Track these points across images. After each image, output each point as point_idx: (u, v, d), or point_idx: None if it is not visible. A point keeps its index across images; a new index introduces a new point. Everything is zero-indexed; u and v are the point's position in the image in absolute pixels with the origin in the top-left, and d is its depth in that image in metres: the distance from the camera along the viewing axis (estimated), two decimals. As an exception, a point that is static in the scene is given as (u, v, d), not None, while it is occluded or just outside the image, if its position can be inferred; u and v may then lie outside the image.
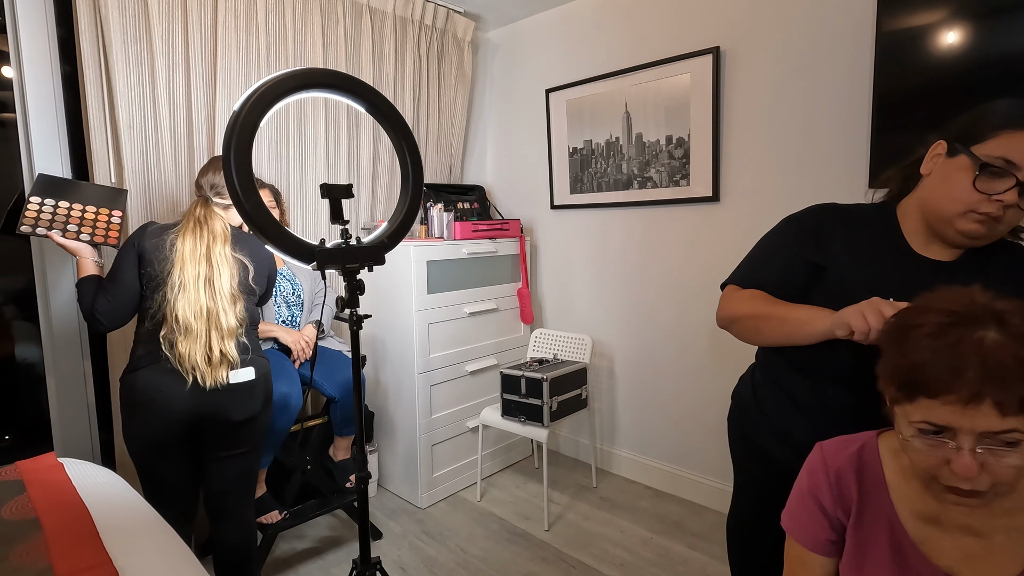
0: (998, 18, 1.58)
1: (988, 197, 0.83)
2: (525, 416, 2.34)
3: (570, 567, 2.05)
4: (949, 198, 0.87)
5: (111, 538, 1.08)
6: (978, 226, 0.86)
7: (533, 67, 2.98)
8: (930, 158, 0.93)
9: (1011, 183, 0.82)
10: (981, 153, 0.84)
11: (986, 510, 0.71)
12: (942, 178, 0.89)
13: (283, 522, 2.02)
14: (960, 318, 0.66)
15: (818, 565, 0.82)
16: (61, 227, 1.58)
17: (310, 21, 2.34)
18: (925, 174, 0.93)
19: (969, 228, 0.86)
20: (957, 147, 0.88)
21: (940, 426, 0.65)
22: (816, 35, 2.01)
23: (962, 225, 0.87)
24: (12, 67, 1.85)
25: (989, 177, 0.83)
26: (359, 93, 1.33)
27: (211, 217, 1.60)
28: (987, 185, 0.83)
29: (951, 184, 0.87)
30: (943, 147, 0.91)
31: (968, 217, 0.86)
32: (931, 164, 0.93)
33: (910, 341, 0.68)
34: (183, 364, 1.51)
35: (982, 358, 0.62)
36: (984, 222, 0.85)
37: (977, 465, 0.63)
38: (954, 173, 0.87)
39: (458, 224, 2.60)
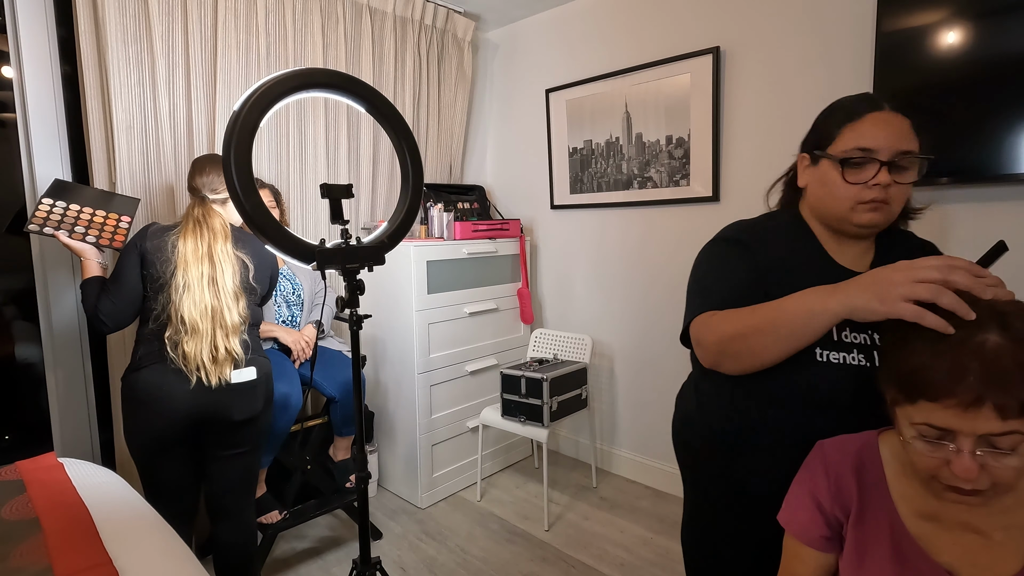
0: (998, 18, 1.58)
1: (866, 185, 0.87)
2: (525, 416, 2.34)
3: (570, 567, 2.05)
4: (834, 199, 0.91)
5: (111, 538, 1.08)
6: (872, 215, 0.88)
7: (533, 67, 2.98)
8: (801, 172, 0.99)
9: (876, 167, 0.86)
10: (837, 151, 0.90)
11: (986, 508, 0.71)
12: (819, 184, 0.94)
13: (283, 522, 2.02)
14: (962, 320, 0.66)
15: (812, 559, 0.83)
16: (68, 228, 1.59)
17: (310, 21, 2.34)
18: (804, 186, 0.98)
19: (864, 219, 0.89)
20: (816, 154, 0.94)
21: (941, 429, 0.65)
22: (816, 35, 2.01)
23: (857, 218, 0.89)
24: (12, 67, 1.85)
25: (854, 169, 0.88)
26: (359, 93, 1.33)
27: (209, 215, 1.60)
28: (856, 175, 0.88)
29: (829, 187, 0.92)
30: (806, 159, 0.97)
31: (858, 210, 0.89)
32: (805, 177, 0.98)
33: (912, 344, 0.68)
34: (188, 364, 1.51)
35: (983, 362, 0.62)
36: (876, 208, 0.88)
37: (977, 467, 0.64)
38: (826, 176, 0.92)
39: (458, 224, 2.60)
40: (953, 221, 1.78)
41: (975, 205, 1.74)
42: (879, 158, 0.86)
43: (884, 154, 0.86)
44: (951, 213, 1.78)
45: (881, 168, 0.86)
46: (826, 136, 0.93)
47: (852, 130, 0.89)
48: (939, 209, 1.81)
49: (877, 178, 0.86)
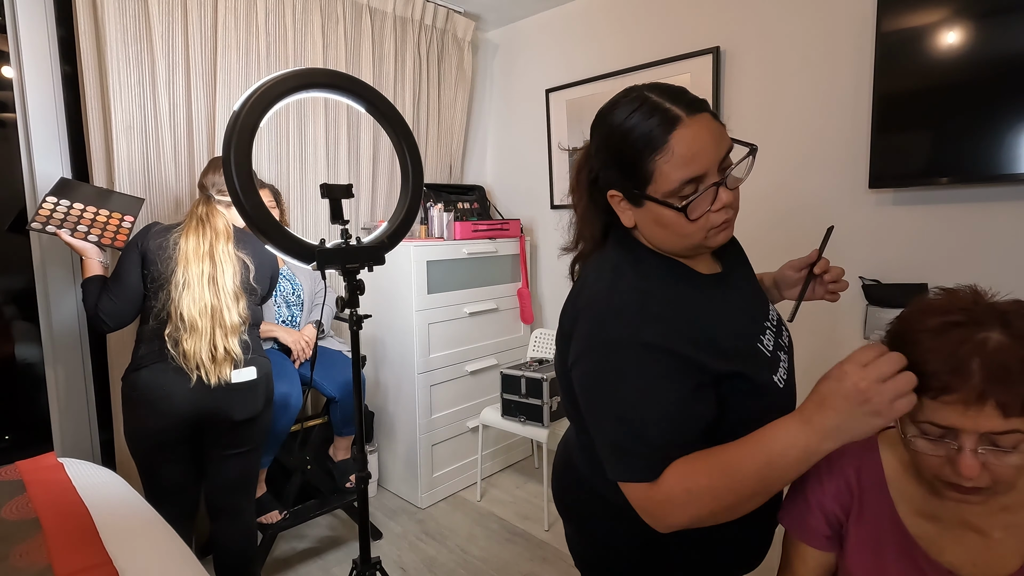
0: (998, 18, 1.58)
1: (710, 211, 0.75)
2: (525, 416, 2.34)
3: (570, 567, 2.05)
4: (680, 236, 0.78)
5: (111, 538, 1.08)
6: (725, 233, 0.79)
7: (533, 67, 2.98)
8: (621, 211, 0.82)
9: (712, 191, 0.74)
10: (661, 193, 0.75)
11: (985, 506, 0.71)
12: (655, 225, 0.79)
13: (283, 522, 2.02)
14: (964, 318, 0.66)
15: (813, 559, 0.83)
16: (71, 227, 1.59)
17: (310, 21, 2.34)
18: (632, 226, 0.83)
19: (719, 240, 0.79)
20: (638, 197, 0.78)
21: (943, 427, 0.65)
22: (816, 35, 2.01)
23: (711, 242, 0.79)
24: (12, 67, 1.85)
25: (693, 206, 0.74)
26: (359, 93, 1.33)
27: (213, 215, 1.60)
28: (698, 208, 0.74)
29: (670, 227, 0.78)
30: (619, 197, 0.81)
31: (710, 235, 0.78)
32: (629, 218, 0.82)
33: (913, 342, 0.68)
34: (188, 362, 1.51)
35: (986, 360, 0.62)
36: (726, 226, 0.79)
37: (979, 465, 0.64)
38: (661, 218, 0.77)
39: (458, 224, 2.60)
40: (953, 221, 1.78)
41: (975, 205, 1.74)
42: (710, 181, 0.74)
43: (712, 174, 0.74)
44: (951, 213, 1.78)
45: (719, 188, 0.75)
46: (640, 175, 0.76)
47: (666, 162, 0.73)
48: (939, 209, 1.81)
49: (718, 202, 0.75)
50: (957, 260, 1.78)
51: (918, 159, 1.74)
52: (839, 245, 2.01)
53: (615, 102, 0.81)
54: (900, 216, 1.88)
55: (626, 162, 0.77)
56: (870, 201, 1.93)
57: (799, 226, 2.09)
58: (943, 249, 1.81)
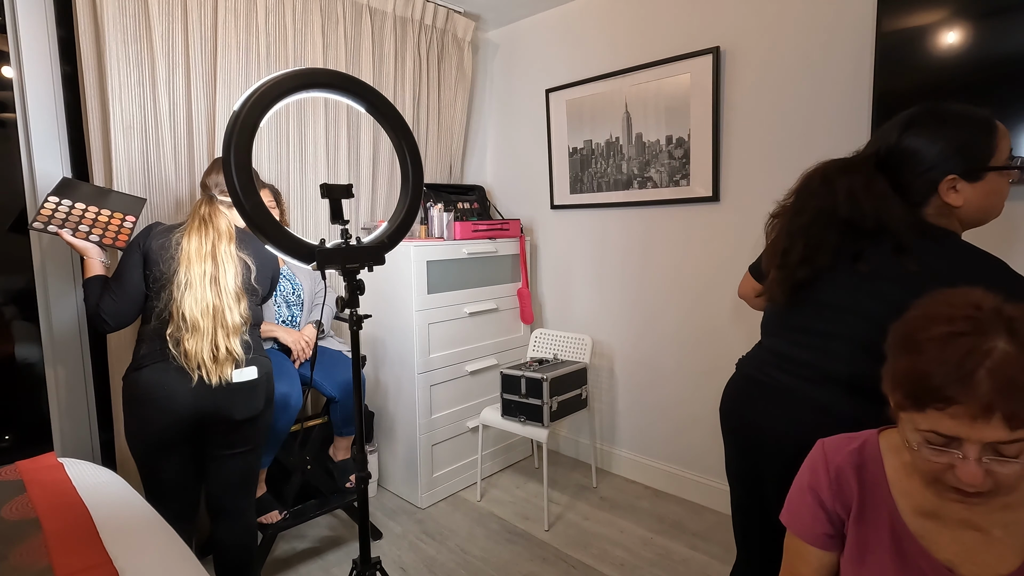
0: (998, 18, 1.58)
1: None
2: (525, 416, 2.34)
3: (570, 567, 2.05)
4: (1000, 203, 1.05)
5: (111, 538, 1.08)
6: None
7: (533, 67, 2.98)
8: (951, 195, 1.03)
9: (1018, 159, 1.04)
10: (1002, 161, 1.01)
11: (985, 505, 0.71)
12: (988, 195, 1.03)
13: (283, 522, 2.02)
14: (969, 326, 0.65)
15: (815, 558, 0.83)
16: (73, 227, 1.59)
17: (310, 21, 2.34)
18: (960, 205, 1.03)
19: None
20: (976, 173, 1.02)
21: (948, 436, 0.65)
22: (816, 35, 2.01)
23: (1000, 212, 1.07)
24: (12, 67, 1.85)
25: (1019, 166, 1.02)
26: (359, 93, 1.33)
27: (216, 215, 1.60)
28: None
29: (999, 195, 1.04)
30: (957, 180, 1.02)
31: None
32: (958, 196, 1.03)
33: (919, 350, 0.67)
34: (189, 362, 1.51)
35: (992, 372, 0.61)
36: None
37: (982, 473, 0.64)
38: (996, 186, 1.03)
39: (458, 224, 2.60)
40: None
41: (975, 205, 1.74)
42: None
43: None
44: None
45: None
46: (984, 154, 1.01)
47: (1002, 138, 1.02)
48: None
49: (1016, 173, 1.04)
50: (957, 260, 1.78)
51: (918, 159, 1.74)
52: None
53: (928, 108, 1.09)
54: (900, 216, 1.88)
55: (975, 144, 1.02)
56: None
57: (799, 226, 2.09)
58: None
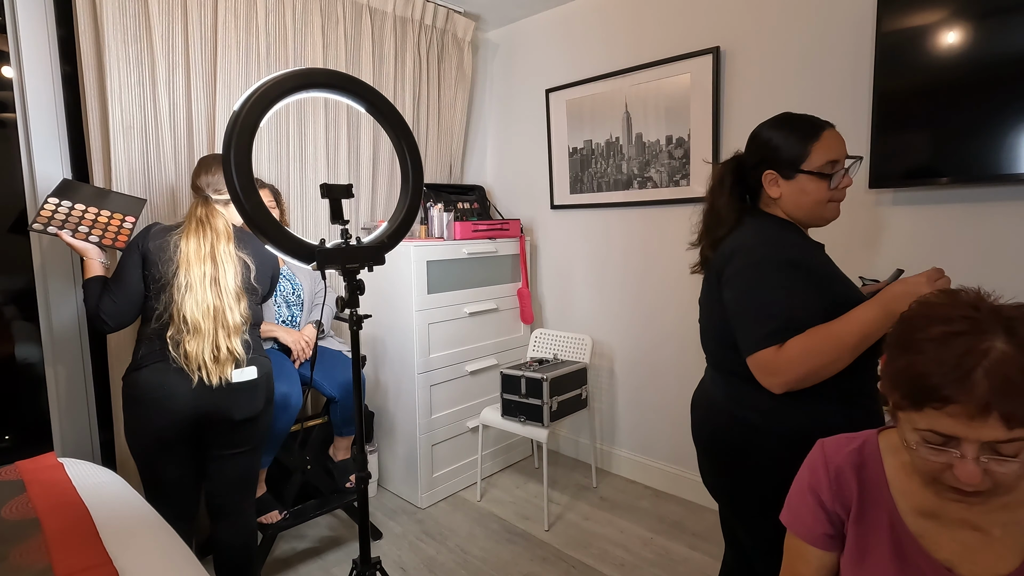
0: (998, 18, 1.58)
1: (836, 188, 1.12)
2: (525, 416, 2.34)
3: (570, 567, 2.05)
4: (814, 204, 1.12)
5: (111, 538, 1.08)
6: (836, 211, 1.15)
7: (533, 67, 2.98)
8: (770, 186, 1.16)
9: (842, 172, 1.12)
10: (814, 167, 1.10)
11: (985, 504, 0.71)
12: (798, 194, 1.13)
13: (283, 522, 2.02)
14: (967, 327, 0.65)
15: (815, 558, 0.83)
16: (72, 228, 1.59)
17: (310, 21, 2.34)
18: (776, 196, 1.16)
19: (831, 214, 1.14)
20: (788, 173, 1.13)
21: (945, 435, 0.65)
22: (816, 35, 2.01)
23: (829, 214, 1.14)
24: (12, 67, 1.85)
25: (833, 178, 1.11)
26: (359, 93, 1.33)
27: (213, 215, 1.60)
28: (835, 180, 1.11)
29: (809, 195, 1.12)
30: (774, 175, 1.14)
31: (828, 208, 1.13)
32: (776, 190, 1.15)
33: (916, 349, 0.67)
34: (190, 363, 1.51)
35: (990, 371, 0.62)
36: (840, 201, 1.15)
37: (980, 472, 0.64)
38: (805, 187, 1.12)
39: (458, 224, 2.60)
40: (953, 221, 1.78)
41: (975, 205, 1.74)
42: (843, 165, 1.12)
43: (843, 162, 1.12)
44: (951, 213, 1.79)
45: (846, 173, 1.12)
46: (795, 157, 1.11)
47: (819, 147, 1.10)
48: (939, 209, 1.81)
49: (844, 182, 1.12)
50: (957, 260, 1.78)
51: (918, 159, 1.74)
52: (839, 245, 2.01)
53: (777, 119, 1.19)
54: (900, 216, 1.88)
55: (789, 147, 1.12)
56: (870, 201, 1.93)
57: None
58: (943, 249, 1.81)
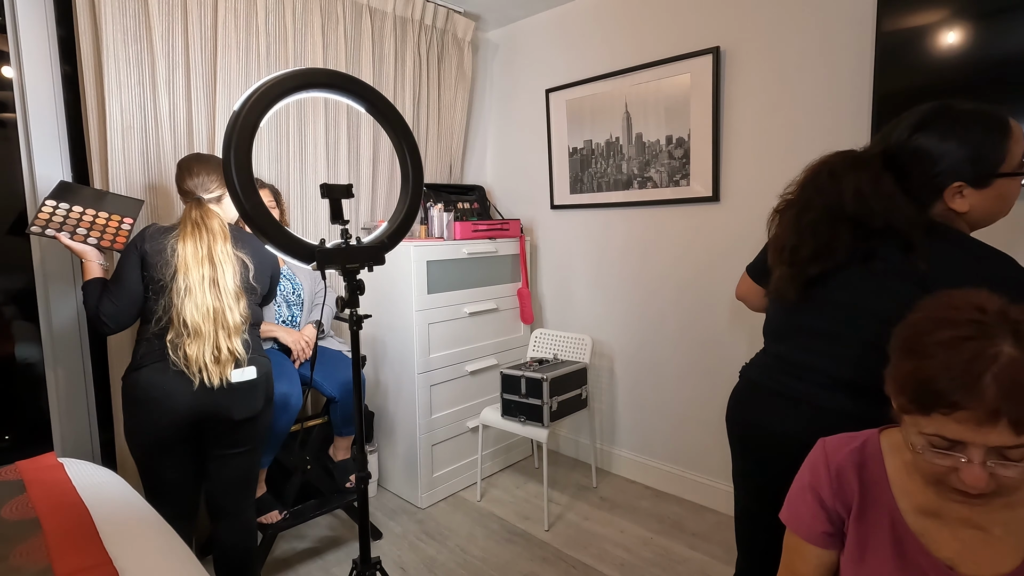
0: (998, 18, 1.58)
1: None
2: (525, 416, 2.34)
3: (570, 567, 2.05)
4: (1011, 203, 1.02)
5: (111, 538, 1.08)
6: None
7: (533, 67, 2.98)
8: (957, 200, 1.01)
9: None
10: (1012, 167, 0.98)
11: (986, 504, 0.71)
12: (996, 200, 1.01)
13: (283, 522, 2.02)
14: (974, 330, 0.65)
15: (815, 557, 0.83)
16: (71, 230, 1.59)
17: (310, 21, 2.34)
18: (965, 211, 1.02)
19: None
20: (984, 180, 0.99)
21: (952, 440, 0.65)
22: (816, 35, 2.01)
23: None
24: (12, 67, 1.85)
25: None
26: (359, 93, 1.33)
27: (207, 216, 1.59)
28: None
29: (1007, 199, 1.02)
30: (964, 187, 1.00)
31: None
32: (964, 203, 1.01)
33: (924, 354, 0.67)
34: (190, 366, 1.51)
35: (999, 377, 0.61)
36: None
37: (986, 476, 0.64)
38: (1005, 191, 1.00)
39: (458, 224, 2.60)
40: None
41: (975, 205, 1.74)
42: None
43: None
44: (951, 213, 1.78)
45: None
46: (995, 159, 0.98)
47: (1015, 142, 0.98)
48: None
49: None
50: (957, 260, 1.78)
51: (918, 159, 1.74)
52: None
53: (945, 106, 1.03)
54: (900, 216, 1.88)
55: (986, 149, 0.98)
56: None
57: (799, 226, 2.09)
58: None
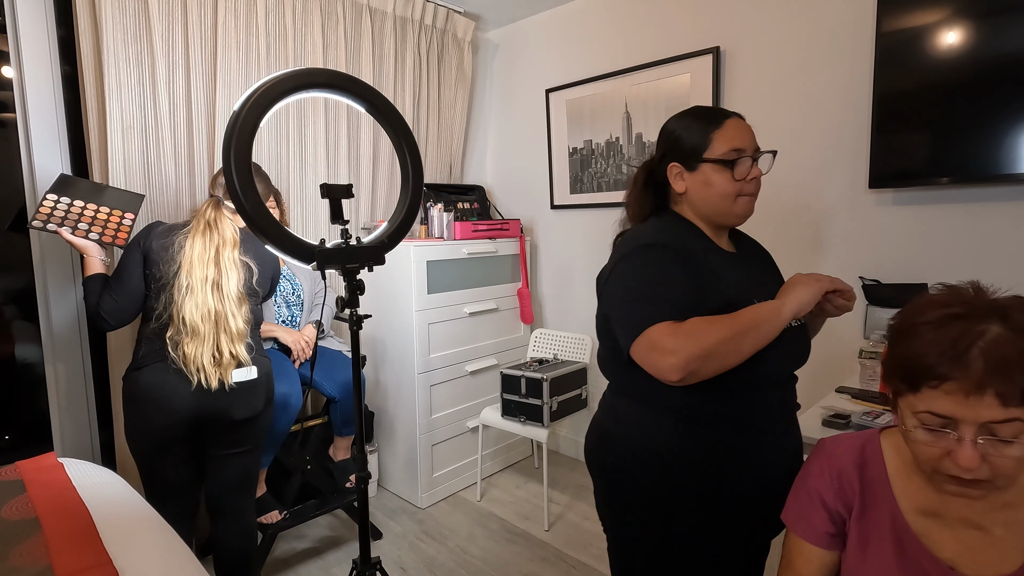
0: (998, 18, 1.58)
1: (745, 180, 1.01)
2: (525, 416, 2.34)
3: (570, 567, 2.05)
4: (719, 196, 1.02)
5: (111, 538, 1.08)
6: (748, 205, 1.03)
7: (533, 67, 2.98)
8: (675, 180, 1.06)
9: (748, 162, 1.01)
10: (716, 155, 1.00)
11: (986, 503, 0.72)
12: (702, 186, 1.03)
13: (283, 522, 2.02)
14: (964, 311, 0.67)
15: (816, 557, 0.83)
16: (72, 225, 1.59)
17: (310, 21, 2.34)
18: (682, 191, 1.06)
19: (742, 209, 1.03)
20: (691, 165, 1.03)
21: (943, 416, 0.66)
22: (816, 35, 2.01)
23: (738, 209, 1.03)
24: (12, 67, 1.85)
25: (737, 166, 1.00)
26: (359, 93, 1.33)
27: (221, 220, 1.60)
28: (740, 170, 1.00)
29: (714, 186, 1.02)
30: (678, 167, 1.05)
31: (739, 202, 1.02)
32: (681, 183, 1.06)
33: (914, 334, 0.69)
34: (188, 365, 1.51)
35: (985, 351, 0.63)
36: (752, 196, 1.04)
37: (979, 456, 0.64)
38: (709, 179, 1.02)
39: (458, 224, 2.60)
40: (953, 221, 1.78)
41: (975, 205, 1.74)
42: (749, 155, 1.01)
43: (750, 151, 1.01)
44: (951, 213, 1.79)
45: (753, 163, 1.01)
46: (699, 145, 1.02)
47: (721, 136, 1.01)
48: (939, 209, 1.81)
49: (753, 172, 1.01)
50: (957, 260, 1.78)
51: (918, 159, 1.74)
52: (839, 245, 2.01)
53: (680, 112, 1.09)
54: (900, 216, 1.88)
55: (690, 137, 1.03)
56: (870, 201, 1.93)
57: (799, 226, 2.09)
58: (943, 249, 1.81)
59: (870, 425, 1.44)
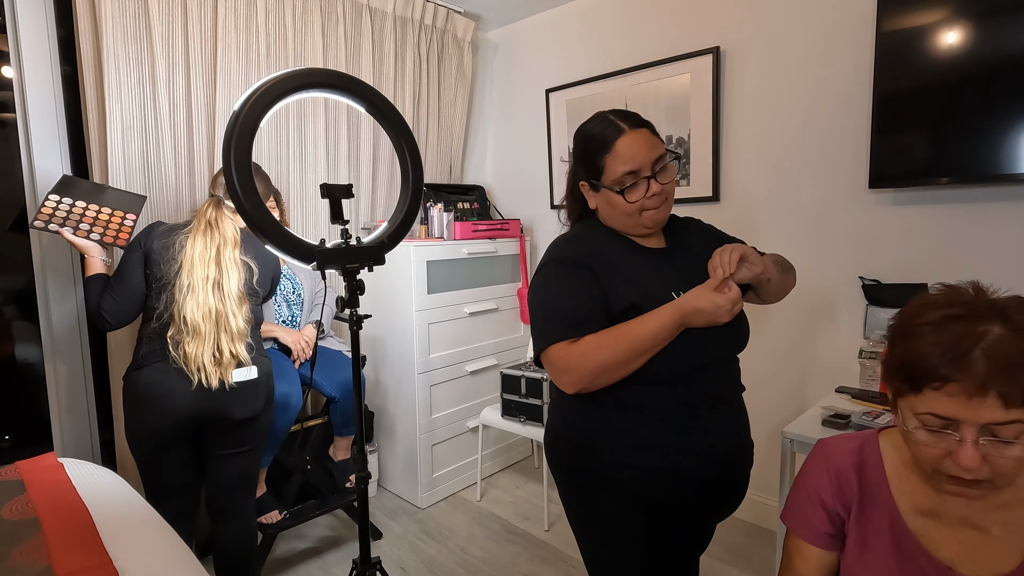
0: (998, 18, 1.58)
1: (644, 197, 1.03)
2: (525, 416, 2.34)
3: (570, 567, 2.05)
4: (622, 215, 1.06)
5: (111, 538, 1.08)
6: (656, 215, 1.05)
7: (533, 67, 2.98)
8: (589, 197, 1.11)
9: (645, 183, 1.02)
10: (609, 181, 1.04)
11: (984, 503, 0.71)
12: (606, 205, 1.08)
13: (283, 522, 2.02)
14: (965, 311, 0.66)
15: (815, 558, 0.83)
16: (73, 225, 1.59)
17: (310, 21, 2.34)
18: (594, 207, 1.12)
19: (650, 220, 1.06)
20: (595, 185, 1.08)
21: (944, 418, 0.66)
22: (816, 35, 2.01)
23: (645, 221, 1.06)
24: (12, 67, 1.85)
25: (630, 191, 1.03)
26: (359, 93, 1.33)
27: (222, 220, 1.60)
28: (633, 195, 1.03)
29: (615, 207, 1.06)
30: (586, 187, 1.10)
31: (644, 216, 1.05)
32: (593, 200, 1.11)
33: (915, 335, 0.69)
34: (189, 364, 1.51)
35: (987, 352, 0.63)
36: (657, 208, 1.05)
37: (979, 456, 0.64)
38: (610, 199, 1.06)
39: (458, 224, 2.60)
40: (953, 221, 1.78)
41: (975, 205, 1.74)
42: (644, 175, 1.02)
43: (646, 169, 1.02)
44: (951, 213, 1.79)
45: (649, 181, 1.02)
46: (595, 170, 1.06)
47: (612, 159, 1.03)
48: (939, 209, 1.81)
49: (650, 191, 1.03)
50: (957, 260, 1.78)
51: (918, 159, 1.74)
52: (839, 245, 2.01)
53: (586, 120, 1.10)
54: (900, 216, 1.88)
55: (588, 160, 1.07)
56: (870, 201, 1.93)
57: (799, 226, 2.09)
58: (943, 249, 1.81)
59: (870, 425, 1.44)
